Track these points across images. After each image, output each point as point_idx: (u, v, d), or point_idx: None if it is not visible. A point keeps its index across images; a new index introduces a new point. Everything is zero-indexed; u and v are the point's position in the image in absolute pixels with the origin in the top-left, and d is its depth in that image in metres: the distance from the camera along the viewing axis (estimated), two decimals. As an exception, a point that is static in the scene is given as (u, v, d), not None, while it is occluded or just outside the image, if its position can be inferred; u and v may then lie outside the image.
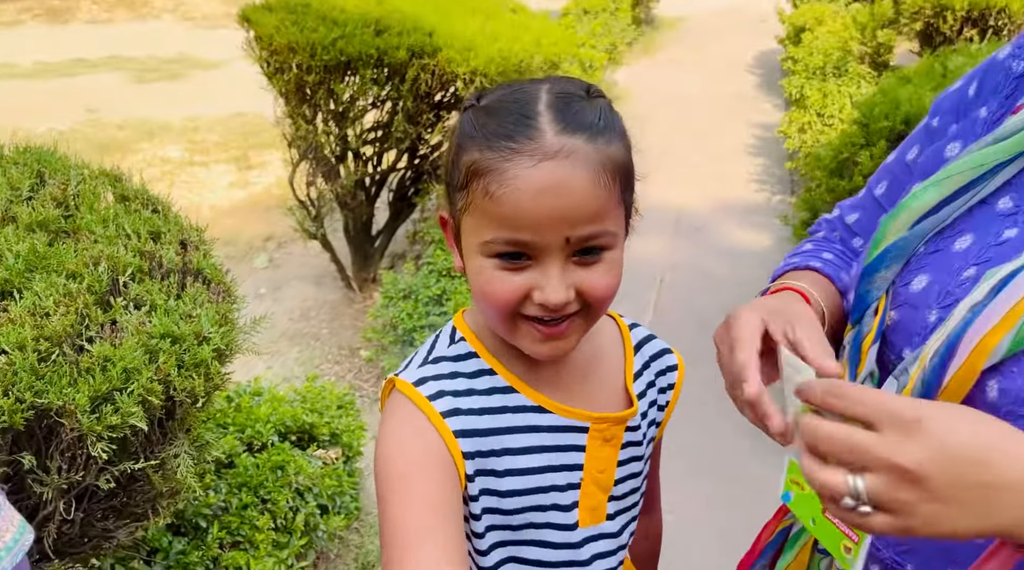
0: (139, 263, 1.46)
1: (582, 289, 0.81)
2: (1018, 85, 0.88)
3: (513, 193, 0.77)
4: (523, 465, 0.89)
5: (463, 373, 0.90)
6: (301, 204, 3.36)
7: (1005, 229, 0.79)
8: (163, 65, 6.58)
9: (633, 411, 0.95)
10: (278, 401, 2.15)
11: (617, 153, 0.81)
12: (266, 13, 3.04)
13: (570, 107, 0.80)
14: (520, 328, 0.84)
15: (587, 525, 0.94)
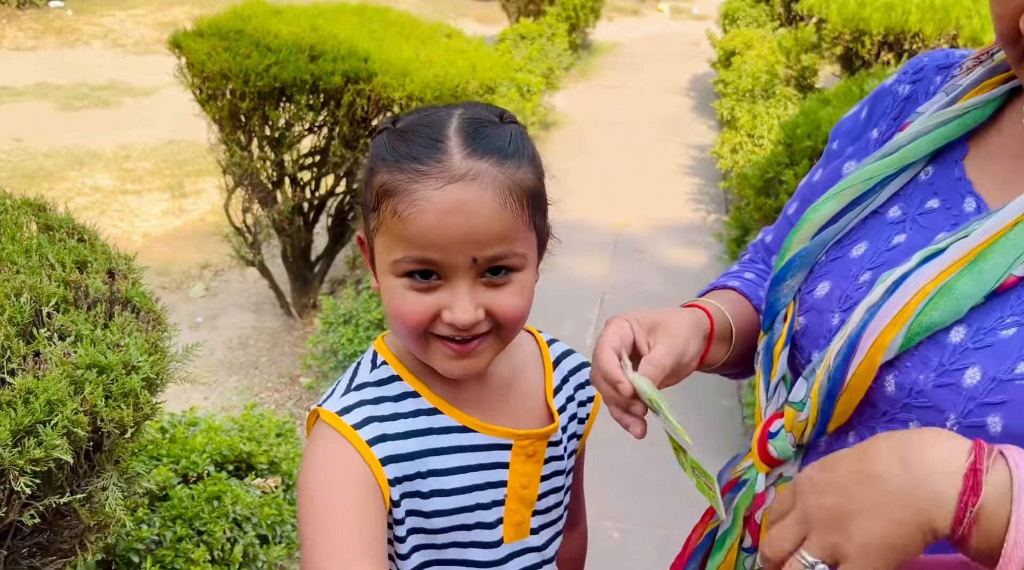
0: (64, 293, 1.43)
1: (491, 310, 0.83)
2: (904, 107, 0.97)
3: (420, 213, 0.79)
4: (448, 486, 0.90)
5: (387, 397, 0.90)
6: (237, 231, 3.32)
7: (895, 236, 0.86)
8: (92, 92, 6.44)
9: (554, 426, 0.97)
10: (214, 430, 2.11)
11: (525, 177, 0.83)
12: (197, 39, 3.02)
13: (479, 132, 0.83)
14: (432, 346, 0.86)
15: (512, 540, 0.96)
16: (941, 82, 0.97)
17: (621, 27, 9.91)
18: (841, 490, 0.66)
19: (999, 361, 0.72)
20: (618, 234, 4.99)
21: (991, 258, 0.75)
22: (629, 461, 3.10)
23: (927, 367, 0.76)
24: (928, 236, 0.84)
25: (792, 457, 0.87)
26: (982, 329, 0.74)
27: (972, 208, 0.84)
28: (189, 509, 1.82)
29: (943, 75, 0.98)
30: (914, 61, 1.03)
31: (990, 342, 0.74)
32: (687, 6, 11.21)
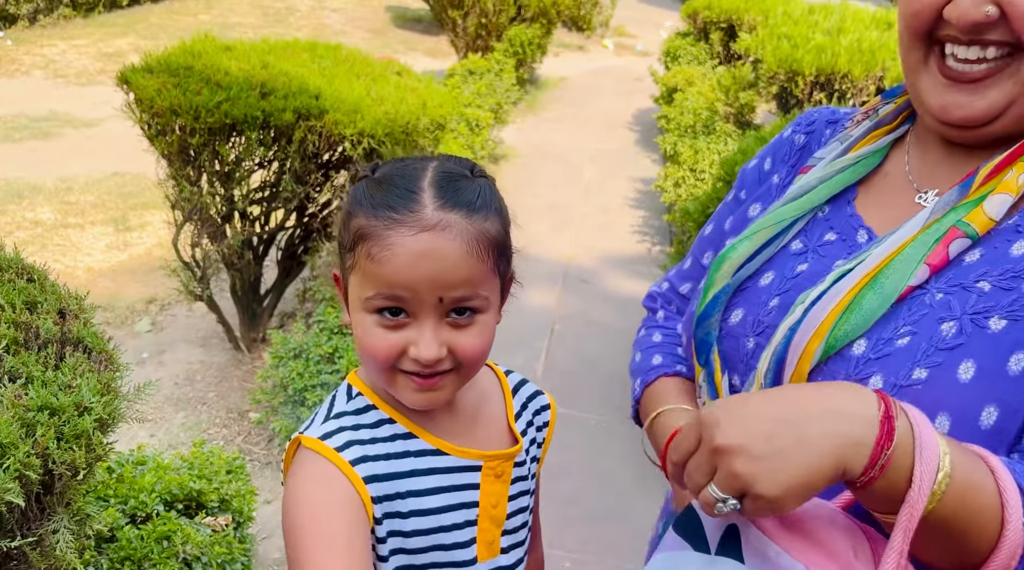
0: (14, 334, 1.43)
1: (454, 348, 0.90)
2: (800, 155, 1.09)
3: (392, 257, 0.87)
4: (425, 506, 0.95)
5: (365, 424, 0.96)
6: (186, 265, 3.29)
7: (797, 265, 0.97)
8: (33, 123, 6.31)
9: (519, 447, 1.04)
10: (163, 469, 2.09)
11: (492, 228, 0.91)
12: (146, 75, 3.02)
13: (451, 185, 0.90)
14: (398, 380, 0.92)
15: (485, 559, 1.01)
16: (830, 134, 1.09)
17: (567, 62, 10.13)
18: (753, 430, 0.69)
19: (897, 369, 0.81)
20: (567, 265, 5.08)
21: (890, 275, 0.85)
22: (580, 491, 3.14)
23: (835, 379, 0.84)
24: (827, 264, 0.95)
25: None
26: (880, 340, 0.84)
27: (864, 239, 0.95)
28: (138, 550, 1.80)
29: (831, 128, 1.10)
30: (806, 115, 1.15)
31: (888, 352, 0.83)
32: (631, 43, 11.53)
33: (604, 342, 4.20)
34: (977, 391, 0.79)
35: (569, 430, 3.37)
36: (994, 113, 0.86)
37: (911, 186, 0.97)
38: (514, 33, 7.31)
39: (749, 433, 0.69)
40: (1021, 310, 0.80)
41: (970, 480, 0.70)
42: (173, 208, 3.16)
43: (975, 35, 0.84)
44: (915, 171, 0.98)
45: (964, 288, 0.84)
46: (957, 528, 0.70)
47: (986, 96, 0.86)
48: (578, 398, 3.60)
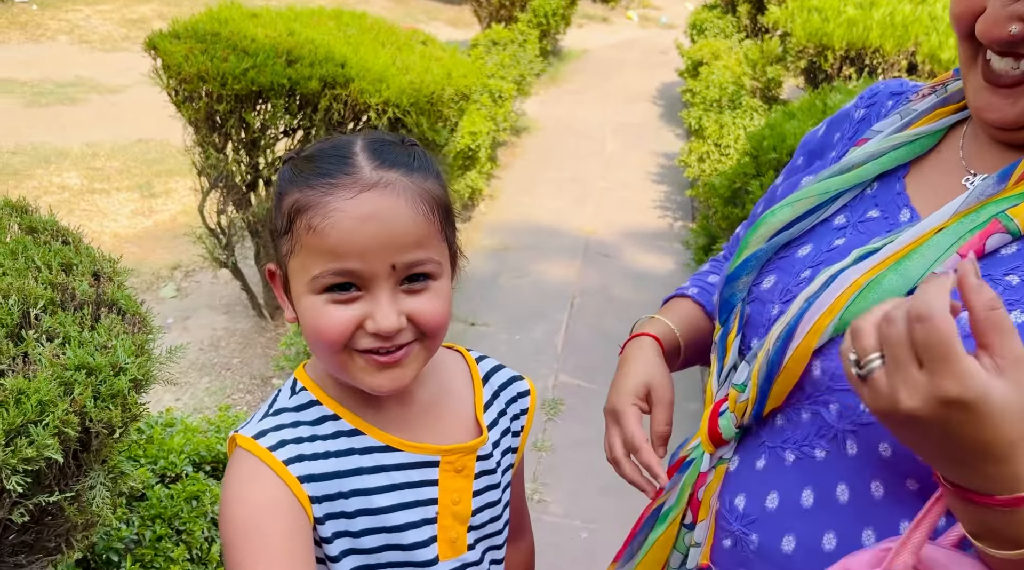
0: (51, 295, 1.45)
1: (413, 315, 0.84)
2: (859, 128, 1.07)
3: (336, 223, 0.80)
4: (375, 505, 0.90)
5: (305, 421, 0.90)
6: (211, 232, 3.32)
7: (836, 239, 0.95)
8: (58, 89, 6.35)
9: (482, 440, 0.98)
10: (191, 431, 2.13)
11: (434, 188, 0.86)
12: (174, 41, 3.02)
13: (385, 148, 0.86)
14: (355, 362, 0.85)
15: (448, 558, 0.95)
16: (893, 106, 1.06)
17: (591, 34, 10.02)
18: (926, 430, 0.65)
19: None
20: (587, 239, 5.07)
21: (915, 258, 0.84)
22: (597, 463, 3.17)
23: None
24: (864, 240, 0.93)
25: (734, 437, 0.94)
26: None
27: (906, 218, 0.93)
28: (168, 508, 1.84)
29: (895, 100, 1.07)
30: (871, 88, 1.12)
31: None
32: (656, 15, 11.38)
33: (624, 316, 4.20)
34: None
35: (589, 403, 3.39)
36: (1019, 121, 0.85)
37: (962, 168, 0.95)
38: (538, 3, 7.24)
39: (932, 423, 0.64)
40: None
41: None
42: (200, 175, 3.19)
43: (1006, 48, 0.83)
44: (968, 154, 0.95)
45: (993, 280, 0.82)
46: None
47: (1019, 103, 0.85)
48: (598, 371, 3.62)
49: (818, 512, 0.87)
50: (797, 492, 0.88)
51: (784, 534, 0.88)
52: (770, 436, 0.92)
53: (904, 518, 0.82)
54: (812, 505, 0.87)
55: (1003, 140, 0.90)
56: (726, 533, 0.94)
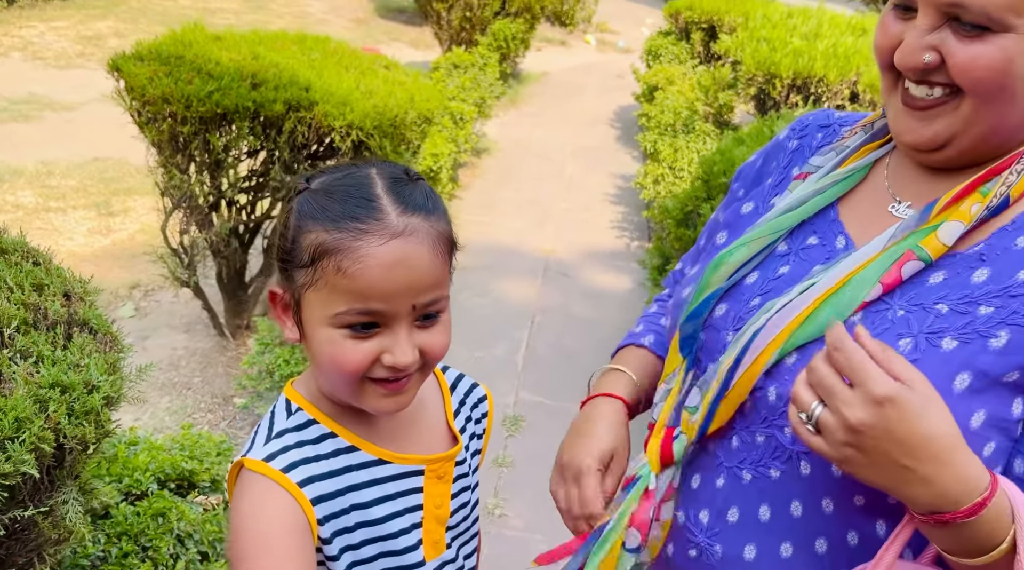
0: (24, 315, 1.49)
1: (424, 349, 0.92)
2: (792, 158, 1.16)
3: (366, 269, 0.86)
4: (372, 517, 0.96)
5: (307, 441, 0.95)
6: (174, 252, 3.34)
7: (780, 267, 1.04)
8: (12, 106, 6.27)
9: (459, 447, 1.06)
10: (156, 449, 2.15)
11: (446, 228, 0.94)
12: (137, 63, 3.05)
13: (403, 190, 0.91)
14: (366, 389, 0.92)
15: (432, 558, 1.03)
16: (824, 137, 1.17)
17: (550, 57, 10.21)
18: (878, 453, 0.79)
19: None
20: (547, 259, 5.17)
21: (847, 292, 0.94)
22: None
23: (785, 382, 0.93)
24: (807, 267, 1.02)
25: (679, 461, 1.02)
26: None
27: (842, 245, 1.03)
28: (134, 525, 1.86)
29: (824, 132, 1.18)
30: (801, 120, 1.23)
31: None
32: (613, 39, 11.63)
33: (583, 334, 4.30)
34: None
35: (550, 419, 3.47)
36: (939, 141, 0.95)
37: (889, 196, 1.05)
38: (498, 27, 7.37)
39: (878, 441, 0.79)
40: (971, 333, 0.88)
41: None
42: (163, 195, 3.20)
43: (921, 77, 0.93)
44: (893, 183, 1.05)
45: (924, 308, 0.91)
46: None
47: (932, 126, 0.95)
48: (558, 389, 3.70)
49: (775, 525, 0.95)
50: (755, 507, 0.96)
51: (745, 544, 0.97)
52: (727, 457, 0.99)
53: (852, 529, 0.92)
54: (769, 519, 0.96)
55: (921, 162, 1.01)
56: (691, 545, 1.01)
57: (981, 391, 0.87)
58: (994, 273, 0.90)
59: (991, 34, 0.88)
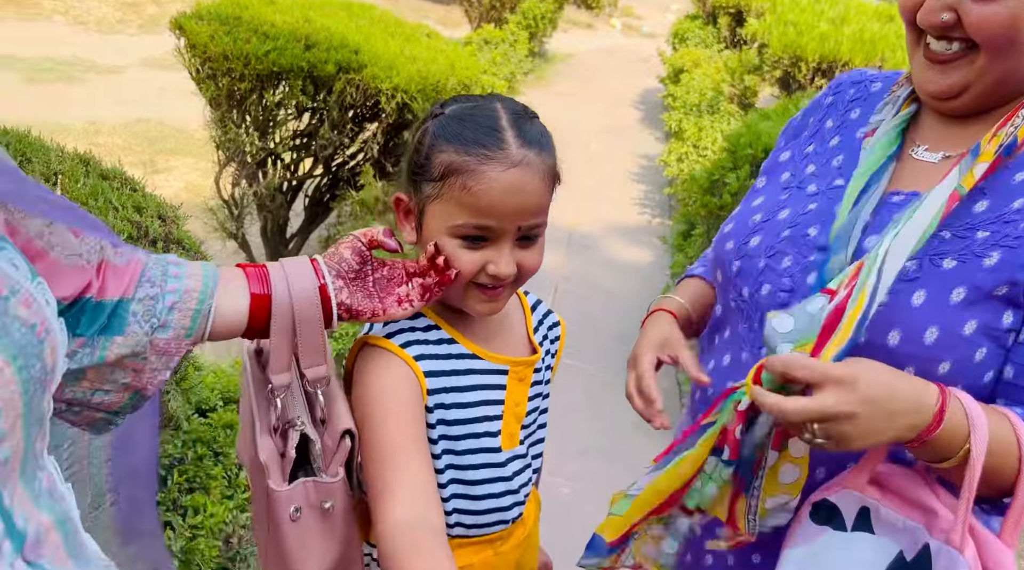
0: (130, 230, 1.68)
1: (521, 264, 1.05)
2: (827, 112, 1.32)
3: (487, 190, 1.00)
4: (464, 400, 1.10)
5: (418, 328, 1.11)
6: (225, 203, 3.53)
7: (810, 203, 1.19)
8: (58, 67, 6.47)
9: (538, 356, 1.19)
10: (220, 373, 2.35)
11: (554, 163, 1.07)
12: (199, 22, 3.23)
13: (523, 125, 1.04)
14: (469, 293, 1.07)
15: (507, 448, 1.15)
16: (855, 93, 1.32)
17: (576, 39, 10.32)
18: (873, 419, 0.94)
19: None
20: (571, 232, 5.34)
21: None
22: (579, 430, 3.43)
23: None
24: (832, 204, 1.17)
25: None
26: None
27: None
28: (206, 434, 2.06)
29: (856, 87, 1.33)
30: (836, 79, 1.39)
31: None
32: (638, 24, 11.71)
33: (604, 302, 4.48)
34: (923, 314, 1.02)
35: (571, 377, 3.66)
36: (956, 90, 1.09)
37: (909, 141, 1.18)
38: (528, 6, 7.50)
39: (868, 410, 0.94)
40: (968, 254, 1.03)
41: (999, 433, 0.97)
42: (217, 149, 3.39)
43: (941, 32, 1.09)
44: (917, 130, 1.19)
45: (933, 236, 1.05)
46: (993, 467, 0.97)
47: (950, 76, 1.09)
48: (579, 351, 3.88)
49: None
50: None
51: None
52: None
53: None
54: None
55: (939, 110, 1.15)
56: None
57: (974, 303, 1.02)
58: (992, 204, 1.06)
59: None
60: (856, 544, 1.06)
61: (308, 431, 1.01)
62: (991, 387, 1.05)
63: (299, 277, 0.99)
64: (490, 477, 1.16)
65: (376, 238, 1.05)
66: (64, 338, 0.72)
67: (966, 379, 1.04)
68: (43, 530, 0.69)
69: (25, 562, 0.66)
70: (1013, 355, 1.04)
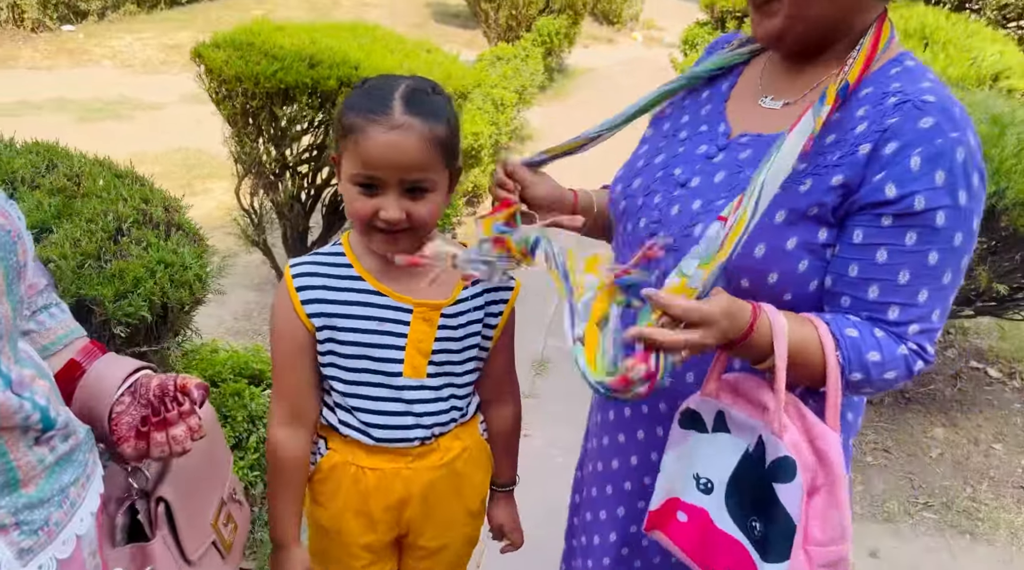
0: (136, 216, 1.98)
1: (410, 213, 1.28)
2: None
3: (370, 147, 1.23)
4: (359, 327, 1.35)
5: (328, 263, 1.37)
6: (245, 212, 3.86)
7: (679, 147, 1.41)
8: (106, 106, 7.00)
9: (447, 302, 1.38)
10: (236, 353, 2.64)
11: (440, 131, 1.27)
12: (215, 50, 3.59)
13: (416, 97, 1.26)
14: (372, 234, 1.30)
15: (409, 376, 1.38)
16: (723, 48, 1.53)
17: (596, 54, 10.58)
18: (722, 319, 1.11)
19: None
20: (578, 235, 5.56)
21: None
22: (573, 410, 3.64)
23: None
24: (696, 147, 1.38)
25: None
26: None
27: (723, 130, 1.36)
28: (216, 399, 2.34)
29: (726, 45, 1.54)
30: (711, 43, 1.59)
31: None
32: (660, 35, 11.91)
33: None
34: (754, 233, 1.18)
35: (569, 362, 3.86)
36: (776, 33, 1.26)
37: (760, 92, 1.40)
38: (542, 23, 7.80)
39: (718, 316, 1.11)
40: (788, 182, 1.18)
41: (801, 334, 1.16)
42: (236, 162, 3.73)
43: None
44: (764, 84, 1.39)
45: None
46: (802, 362, 1.16)
47: (770, 21, 1.26)
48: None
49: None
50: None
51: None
52: None
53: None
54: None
55: (778, 52, 1.34)
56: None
57: (793, 223, 1.20)
58: (828, 138, 1.26)
59: None
60: (717, 442, 1.25)
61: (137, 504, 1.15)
62: (817, 295, 1.24)
63: (108, 377, 1.11)
64: (387, 396, 1.40)
65: (187, 386, 1.16)
66: (31, 244, 0.99)
67: (794, 288, 1.23)
68: (26, 377, 0.95)
69: (14, 394, 0.92)
70: (830, 267, 1.22)
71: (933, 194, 1.14)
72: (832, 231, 1.22)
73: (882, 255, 1.18)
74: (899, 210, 1.15)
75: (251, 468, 2.37)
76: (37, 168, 2.07)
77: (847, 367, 1.18)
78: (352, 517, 1.44)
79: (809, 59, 1.31)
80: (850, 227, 1.20)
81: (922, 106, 1.16)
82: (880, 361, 1.18)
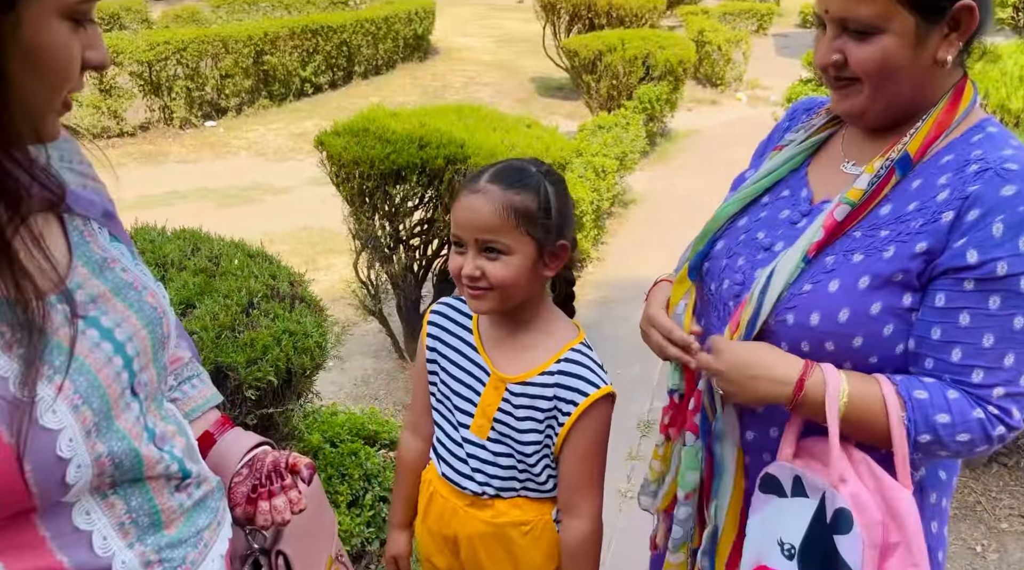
0: (265, 291, 2.22)
1: (484, 271, 1.39)
2: (783, 134, 1.57)
3: (456, 210, 1.42)
4: (452, 373, 1.54)
5: (459, 309, 1.58)
6: (363, 284, 4.14)
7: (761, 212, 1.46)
8: (241, 192, 7.65)
9: (515, 378, 1.47)
10: (353, 416, 2.84)
11: (521, 202, 1.38)
12: (335, 137, 3.93)
13: (503, 171, 1.42)
14: (463, 290, 1.45)
15: (474, 433, 1.51)
16: (806, 117, 1.60)
17: (700, 116, 10.64)
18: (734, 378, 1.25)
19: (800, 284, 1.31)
20: (688, 292, 5.55)
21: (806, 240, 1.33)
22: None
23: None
24: (778, 211, 1.45)
25: None
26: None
27: (805, 194, 1.42)
28: (335, 459, 2.52)
29: (807, 113, 1.60)
30: (791, 106, 1.67)
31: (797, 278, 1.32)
32: (765, 94, 11.86)
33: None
34: (838, 299, 1.24)
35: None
36: (857, 112, 1.31)
37: (842, 157, 1.45)
38: (642, 91, 7.98)
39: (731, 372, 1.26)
40: (872, 249, 1.25)
41: (863, 394, 1.21)
42: (354, 238, 4.03)
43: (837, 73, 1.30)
44: (846, 149, 1.43)
45: (846, 235, 1.30)
46: (865, 422, 1.21)
47: (849, 100, 1.31)
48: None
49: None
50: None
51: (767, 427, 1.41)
52: None
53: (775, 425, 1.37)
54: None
55: (858, 126, 1.38)
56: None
57: (878, 288, 1.24)
58: (894, 207, 1.28)
59: (873, 36, 1.25)
60: (797, 506, 1.29)
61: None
62: (903, 358, 1.27)
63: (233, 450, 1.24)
64: (454, 439, 1.55)
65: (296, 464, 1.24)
66: (174, 318, 1.17)
67: (880, 351, 1.26)
68: (168, 432, 1.12)
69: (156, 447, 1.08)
70: (914, 330, 1.25)
71: (1016, 260, 1.15)
72: (916, 295, 1.24)
73: (965, 319, 1.19)
74: (981, 275, 1.17)
75: (367, 525, 2.52)
76: (184, 252, 2.36)
77: (912, 428, 1.19)
78: (426, 530, 1.61)
79: (891, 127, 1.35)
80: (932, 291, 1.22)
81: (1004, 174, 1.18)
82: (950, 423, 1.19)
